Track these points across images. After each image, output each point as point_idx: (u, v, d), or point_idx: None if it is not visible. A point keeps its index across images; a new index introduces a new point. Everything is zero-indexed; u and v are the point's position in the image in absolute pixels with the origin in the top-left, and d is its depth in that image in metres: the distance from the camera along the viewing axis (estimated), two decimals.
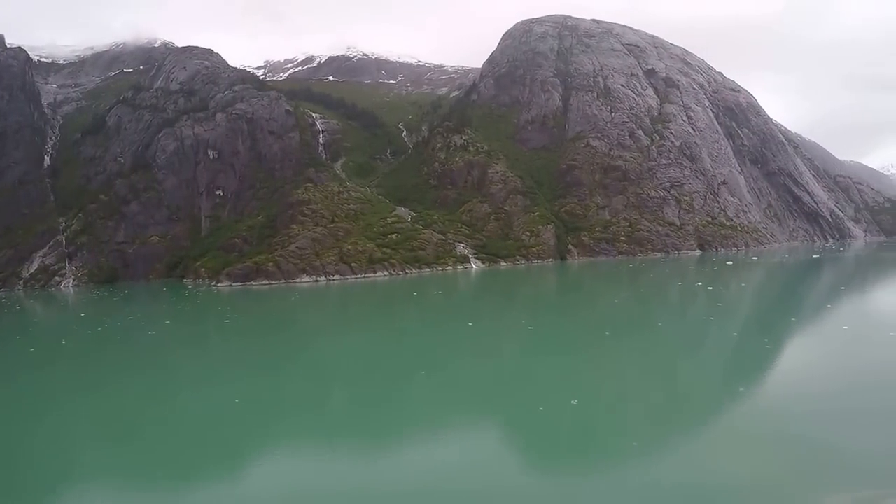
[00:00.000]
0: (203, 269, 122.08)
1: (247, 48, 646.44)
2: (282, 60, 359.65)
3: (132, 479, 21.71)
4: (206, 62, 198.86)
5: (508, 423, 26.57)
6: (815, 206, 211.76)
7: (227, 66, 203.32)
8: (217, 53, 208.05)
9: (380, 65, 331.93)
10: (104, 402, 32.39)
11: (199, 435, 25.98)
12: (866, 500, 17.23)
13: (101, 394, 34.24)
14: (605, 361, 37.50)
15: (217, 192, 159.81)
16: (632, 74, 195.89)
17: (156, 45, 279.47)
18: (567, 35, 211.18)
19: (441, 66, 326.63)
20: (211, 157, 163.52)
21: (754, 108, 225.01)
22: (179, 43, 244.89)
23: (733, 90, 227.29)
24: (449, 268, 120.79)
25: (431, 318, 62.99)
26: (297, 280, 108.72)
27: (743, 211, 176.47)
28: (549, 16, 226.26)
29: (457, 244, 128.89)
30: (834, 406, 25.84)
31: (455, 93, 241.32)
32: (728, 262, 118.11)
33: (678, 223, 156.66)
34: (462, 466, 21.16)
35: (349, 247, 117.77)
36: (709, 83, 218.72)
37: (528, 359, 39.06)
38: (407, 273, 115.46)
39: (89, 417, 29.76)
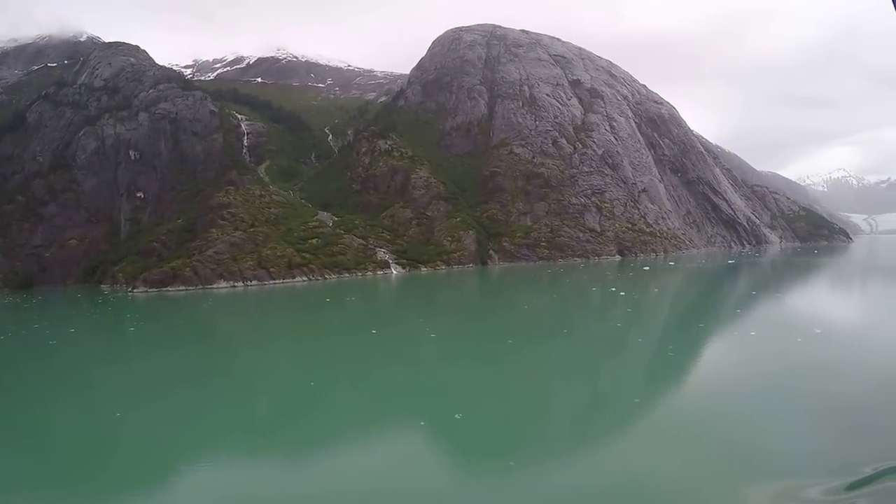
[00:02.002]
0: (121, 275, 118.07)
1: (176, 46, 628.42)
2: (210, 60, 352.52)
3: None
4: (132, 59, 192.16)
5: (383, 440, 25.79)
6: (733, 213, 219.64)
7: (153, 64, 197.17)
8: (144, 50, 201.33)
9: (309, 68, 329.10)
10: None
11: (81, 450, 25.13)
12: (782, 493, 18.08)
13: None
14: (503, 371, 37.07)
15: (138, 194, 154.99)
16: (557, 84, 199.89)
17: (81, 39, 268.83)
18: (496, 44, 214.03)
19: (370, 71, 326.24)
20: (132, 157, 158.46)
21: (676, 120, 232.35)
22: (107, 38, 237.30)
23: (656, 102, 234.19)
24: (369, 273, 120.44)
25: (337, 325, 62.40)
26: (215, 286, 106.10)
27: (662, 218, 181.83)
28: (478, 24, 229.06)
29: (377, 249, 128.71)
30: (738, 409, 26.45)
31: (383, 98, 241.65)
32: (645, 268, 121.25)
33: (599, 229, 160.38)
34: (328, 491, 20.67)
35: (268, 252, 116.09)
36: (632, 95, 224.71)
37: (422, 369, 38.57)
38: (326, 278, 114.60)
39: None
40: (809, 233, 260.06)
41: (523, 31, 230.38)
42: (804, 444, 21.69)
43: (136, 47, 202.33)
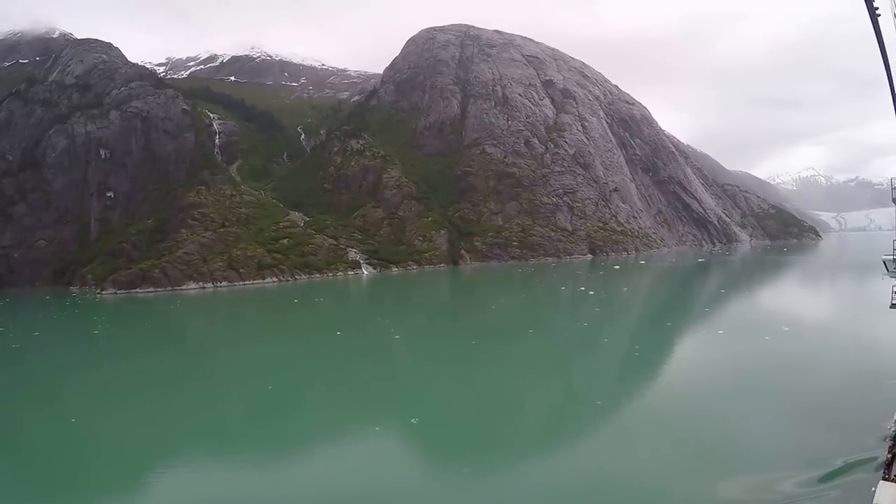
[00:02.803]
0: (90, 276, 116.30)
1: (150, 44, 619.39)
2: (184, 58, 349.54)
3: None
4: (105, 56, 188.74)
5: (334, 447, 25.55)
6: (704, 212, 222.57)
7: (126, 62, 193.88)
8: (116, 48, 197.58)
9: (283, 67, 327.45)
10: None
11: (30, 457, 24.85)
12: (756, 486, 18.76)
13: None
14: (463, 374, 37.08)
15: (108, 194, 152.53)
16: (530, 84, 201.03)
17: (54, 36, 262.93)
18: (469, 44, 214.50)
19: (344, 71, 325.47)
20: (103, 156, 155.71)
21: (647, 120, 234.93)
22: (80, 34, 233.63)
23: (628, 102, 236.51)
24: (340, 273, 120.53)
25: (302, 327, 62.67)
26: (184, 287, 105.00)
27: (634, 217, 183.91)
28: (452, 25, 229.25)
29: (349, 249, 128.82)
30: (708, 407, 27.20)
31: (356, 97, 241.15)
32: (616, 267, 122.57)
33: (570, 228, 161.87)
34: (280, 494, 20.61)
35: (238, 252, 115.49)
36: (604, 95, 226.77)
37: (382, 372, 38.46)
38: (297, 279, 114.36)
39: None
40: (779, 231, 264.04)
41: (497, 31, 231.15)
42: (776, 439, 22.41)
43: (109, 44, 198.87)
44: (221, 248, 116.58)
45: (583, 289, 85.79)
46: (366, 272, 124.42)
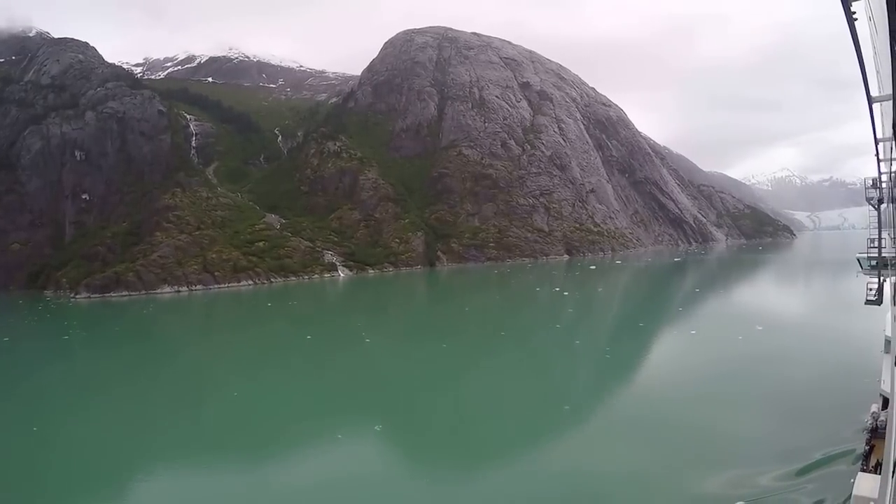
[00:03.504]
0: (64, 280, 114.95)
1: (127, 44, 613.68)
2: (162, 58, 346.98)
3: None
4: (81, 56, 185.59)
5: (295, 454, 25.34)
6: (679, 212, 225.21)
7: (102, 62, 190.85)
8: (93, 47, 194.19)
9: (261, 68, 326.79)
10: None
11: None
12: (737, 481, 19.31)
13: None
14: (431, 377, 37.12)
15: (83, 196, 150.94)
16: (507, 86, 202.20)
17: (30, 35, 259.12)
18: (447, 46, 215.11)
19: (322, 72, 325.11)
20: (78, 158, 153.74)
21: (623, 122, 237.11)
22: (56, 33, 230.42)
23: (604, 104, 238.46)
24: (316, 276, 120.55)
25: (273, 332, 62.34)
26: (158, 290, 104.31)
27: (610, 217, 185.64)
28: (430, 27, 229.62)
29: (325, 252, 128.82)
30: (685, 407, 27.68)
31: (334, 99, 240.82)
32: (592, 267, 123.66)
33: (547, 229, 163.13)
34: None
35: (213, 255, 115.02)
36: (581, 97, 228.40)
37: (349, 377, 38.29)
38: (272, 282, 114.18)
39: None
40: (755, 230, 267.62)
41: (475, 33, 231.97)
42: (754, 435, 23.20)
43: (86, 44, 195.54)
44: (196, 251, 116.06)
45: (558, 290, 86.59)
46: (342, 274, 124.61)
